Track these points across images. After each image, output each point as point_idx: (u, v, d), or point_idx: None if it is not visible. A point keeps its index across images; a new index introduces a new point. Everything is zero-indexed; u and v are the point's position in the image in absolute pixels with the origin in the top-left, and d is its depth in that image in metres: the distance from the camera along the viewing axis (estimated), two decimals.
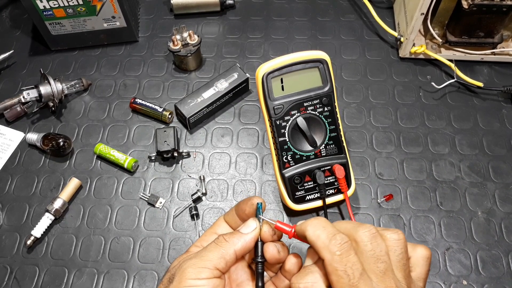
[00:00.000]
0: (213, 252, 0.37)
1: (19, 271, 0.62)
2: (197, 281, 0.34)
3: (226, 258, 0.36)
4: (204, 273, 0.35)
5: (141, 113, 0.75)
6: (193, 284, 0.34)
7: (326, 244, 0.32)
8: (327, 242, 0.32)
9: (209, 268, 0.35)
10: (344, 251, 0.31)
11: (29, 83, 0.77)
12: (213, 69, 0.81)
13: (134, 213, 0.66)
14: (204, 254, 0.37)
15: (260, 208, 0.40)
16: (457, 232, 0.63)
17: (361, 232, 0.33)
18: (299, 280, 0.34)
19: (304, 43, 0.84)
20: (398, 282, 0.32)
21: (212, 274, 0.35)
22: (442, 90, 0.77)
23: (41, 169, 0.70)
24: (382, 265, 0.32)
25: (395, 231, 0.34)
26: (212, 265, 0.35)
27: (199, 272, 0.35)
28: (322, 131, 0.60)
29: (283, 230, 0.38)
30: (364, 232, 0.33)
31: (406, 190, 0.67)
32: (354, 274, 0.31)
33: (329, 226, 0.34)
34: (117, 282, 0.61)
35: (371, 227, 0.33)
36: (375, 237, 0.33)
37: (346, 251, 0.32)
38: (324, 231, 0.33)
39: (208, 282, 0.35)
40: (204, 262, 0.36)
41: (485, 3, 0.67)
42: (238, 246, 0.37)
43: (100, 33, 0.82)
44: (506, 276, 0.60)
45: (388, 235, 0.34)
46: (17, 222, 0.66)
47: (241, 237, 0.37)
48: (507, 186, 0.67)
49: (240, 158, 0.71)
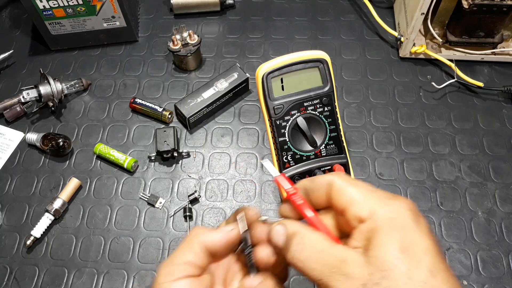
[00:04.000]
0: (183, 248, 0.33)
1: (18, 271, 0.62)
2: (170, 284, 0.30)
3: (193, 248, 0.32)
4: (176, 273, 0.31)
5: (141, 113, 0.75)
6: (167, 286, 0.30)
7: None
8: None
9: (179, 264, 0.31)
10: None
11: (29, 83, 0.77)
12: (213, 69, 0.81)
13: (134, 213, 0.66)
14: (175, 252, 0.33)
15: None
16: (458, 232, 0.63)
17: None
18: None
19: (304, 43, 0.84)
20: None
21: (184, 271, 0.31)
22: (442, 90, 0.77)
23: (40, 169, 0.70)
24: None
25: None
26: (182, 261, 0.32)
27: (170, 273, 0.31)
28: (322, 131, 0.59)
29: (281, 186, 0.33)
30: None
31: (407, 190, 0.67)
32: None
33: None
34: (117, 282, 0.61)
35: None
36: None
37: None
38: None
39: (183, 283, 0.31)
40: (172, 260, 0.32)
41: (485, 3, 0.67)
42: (206, 237, 0.33)
43: (100, 33, 0.81)
44: (507, 276, 0.60)
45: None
46: (16, 222, 0.66)
47: (212, 231, 0.33)
48: (508, 186, 0.67)
49: (240, 158, 0.71)
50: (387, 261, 0.25)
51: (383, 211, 0.27)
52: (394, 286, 0.25)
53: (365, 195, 0.29)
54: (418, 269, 0.25)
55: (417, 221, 0.27)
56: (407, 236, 0.26)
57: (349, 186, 0.29)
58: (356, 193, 0.29)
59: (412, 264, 0.25)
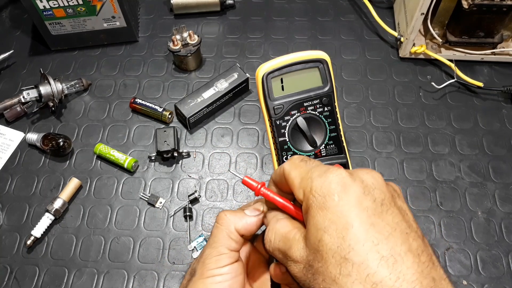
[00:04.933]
0: (218, 235, 0.35)
1: (19, 271, 0.62)
2: (219, 270, 0.33)
3: (231, 236, 0.35)
4: (223, 260, 0.34)
5: (141, 113, 0.75)
6: (216, 273, 0.33)
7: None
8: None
9: (225, 253, 0.34)
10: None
11: (29, 83, 0.77)
12: (213, 69, 0.81)
13: (134, 213, 0.66)
14: (213, 241, 0.35)
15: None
16: (457, 232, 0.63)
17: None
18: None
19: (304, 43, 0.84)
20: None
21: (230, 258, 0.34)
22: (442, 90, 0.77)
23: (41, 169, 0.70)
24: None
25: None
26: (225, 248, 0.34)
27: (218, 261, 0.34)
28: (322, 131, 0.59)
29: (250, 186, 0.36)
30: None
31: (406, 190, 0.67)
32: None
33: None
34: (117, 282, 0.61)
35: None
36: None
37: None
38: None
39: (229, 269, 0.33)
40: (218, 249, 0.34)
41: (485, 3, 0.67)
42: (239, 225, 0.35)
43: (100, 33, 0.82)
44: (506, 276, 0.60)
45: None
46: (17, 222, 0.66)
47: (243, 218, 0.35)
48: (507, 186, 0.67)
49: (240, 158, 0.71)
50: (314, 243, 0.26)
51: (312, 190, 0.28)
52: (324, 266, 0.26)
53: (302, 176, 0.29)
54: (340, 247, 0.25)
55: (343, 193, 0.26)
56: (329, 213, 0.26)
57: (292, 170, 0.31)
58: (295, 177, 0.30)
59: (334, 242, 0.25)
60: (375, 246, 0.25)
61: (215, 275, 0.33)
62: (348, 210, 0.26)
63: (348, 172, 0.28)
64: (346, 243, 0.25)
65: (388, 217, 0.26)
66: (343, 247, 0.25)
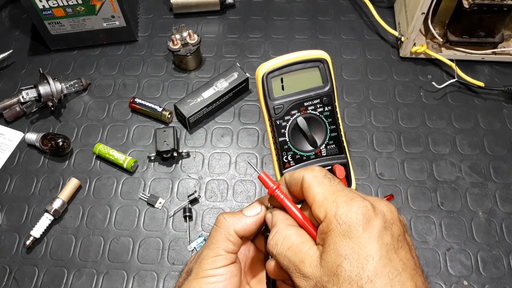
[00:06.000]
0: (216, 237, 0.35)
1: (18, 272, 0.61)
2: (215, 271, 0.34)
3: (229, 239, 0.35)
4: (219, 262, 0.34)
5: (141, 113, 0.75)
6: (211, 274, 0.34)
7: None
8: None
9: (222, 254, 0.35)
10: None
11: (28, 83, 0.77)
12: (213, 69, 0.80)
13: (134, 213, 0.66)
14: (211, 242, 0.36)
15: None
16: (458, 233, 0.63)
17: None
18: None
19: (304, 42, 0.84)
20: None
21: (227, 260, 0.35)
22: (442, 90, 0.76)
23: (40, 169, 0.70)
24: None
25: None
26: (222, 250, 0.35)
27: (214, 262, 0.34)
28: (322, 131, 0.59)
29: (265, 183, 0.36)
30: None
31: (407, 190, 0.67)
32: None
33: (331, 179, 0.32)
34: (116, 282, 0.60)
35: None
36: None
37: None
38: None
39: (225, 270, 0.34)
40: (215, 250, 0.35)
41: (485, 2, 0.67)
42: (238, 227, 0.35)
43: (99, 32, 0.81)
44: (507, 276, 0.59)
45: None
46: (16, 222, 0.65)
47: (242, 219, 0.36)
48: (508, 186, 0.66)
49: (240, 158, 0.71)
50: (333, 266, 0.27)
51: (336, 216, 0.29)
52: None
53: (326, 196, 0.30)
54: (358, 276, 0.27)
55: (367, 226, 0.28)
56: (352, 243, 0.27)
57: (314, 185, 0.31)
58: (317, 194, 0.31)
59: (353, 270, 0.27)
60: (390, 280, 0.27)
61: (210, 276, 0.34)
62: (371, 243, 0.27)
63: (371, 204, 0.29)
64: (365, 274, 0.27)
65: (401, 253, 0.28)
66: (361, 276, 0.27)
